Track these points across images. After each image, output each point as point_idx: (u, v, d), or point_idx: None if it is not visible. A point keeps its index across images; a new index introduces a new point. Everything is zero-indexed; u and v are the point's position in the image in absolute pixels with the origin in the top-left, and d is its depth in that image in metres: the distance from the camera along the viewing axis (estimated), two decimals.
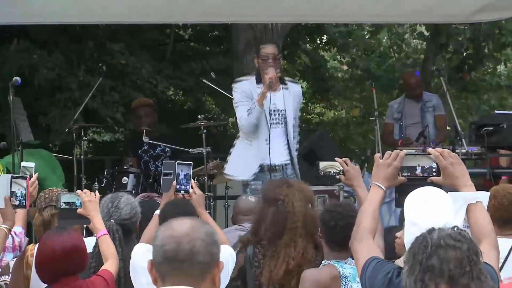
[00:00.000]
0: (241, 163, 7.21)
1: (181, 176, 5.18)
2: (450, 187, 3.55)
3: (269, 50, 7.20)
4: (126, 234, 4.82)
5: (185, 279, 2.60)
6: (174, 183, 5.13)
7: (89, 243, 4.71)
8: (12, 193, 4.66)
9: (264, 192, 5.12)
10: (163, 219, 4.70)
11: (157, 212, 4.99)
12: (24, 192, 4.71)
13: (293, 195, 4.86)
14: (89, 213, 4.63)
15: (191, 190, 5.12)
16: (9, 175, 4.81)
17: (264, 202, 5.01)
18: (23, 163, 5.45)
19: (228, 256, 4.70)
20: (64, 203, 4.72)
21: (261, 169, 7.16)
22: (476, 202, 3.51)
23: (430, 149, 3.72)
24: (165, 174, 5.19)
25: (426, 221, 3.19)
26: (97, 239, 4.61)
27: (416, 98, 9.16)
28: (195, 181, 7.79)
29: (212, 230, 2.69)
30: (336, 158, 4.44)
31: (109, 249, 4.52)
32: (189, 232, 2.63)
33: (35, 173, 5.22)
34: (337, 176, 4.47)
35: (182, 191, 5.14)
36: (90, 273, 4.50)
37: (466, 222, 3.55)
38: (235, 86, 7.33)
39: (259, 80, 7.18)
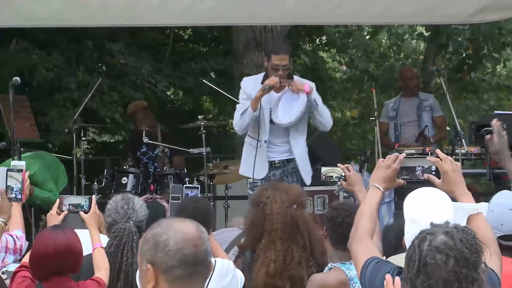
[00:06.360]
0: (252, 164, 7.04)
1: None
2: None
3: (280, 59, 7.01)
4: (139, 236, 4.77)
5: (199, 281, 2.61)
6: None
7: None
8: (8, 187, 4.66)
9: (252, 195, 5.10)
10: (180, 210, 4.72)
11: None
12: (20, 185, 4.70)
13: (275, 197, 4.81)
14: (90, 223, 4.64)
15: None
16: (5, 168, 4.80)
17: (250, 206, 5.00)
18: (13, 162, 5.44)
19: (237, 277, 4.61)
20: (70, 205, 4.69)
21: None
22: (477, 213, 3.54)
23: (438, 150, 3.76)
24: (173, 198, 5.17)
25: (426, 219, 3.22)
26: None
27: (411, 93, 9.16)
28: (195, 181, 7.83)
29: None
30: (338, 164, 4.52)
31: (102, 261, 4.45)
32: (199, 234, 2.64)
33: (35, 175, 5.20)
34: (339, 182, 4.56)
35: None
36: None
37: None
38: (241, 83, 7.28)
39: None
